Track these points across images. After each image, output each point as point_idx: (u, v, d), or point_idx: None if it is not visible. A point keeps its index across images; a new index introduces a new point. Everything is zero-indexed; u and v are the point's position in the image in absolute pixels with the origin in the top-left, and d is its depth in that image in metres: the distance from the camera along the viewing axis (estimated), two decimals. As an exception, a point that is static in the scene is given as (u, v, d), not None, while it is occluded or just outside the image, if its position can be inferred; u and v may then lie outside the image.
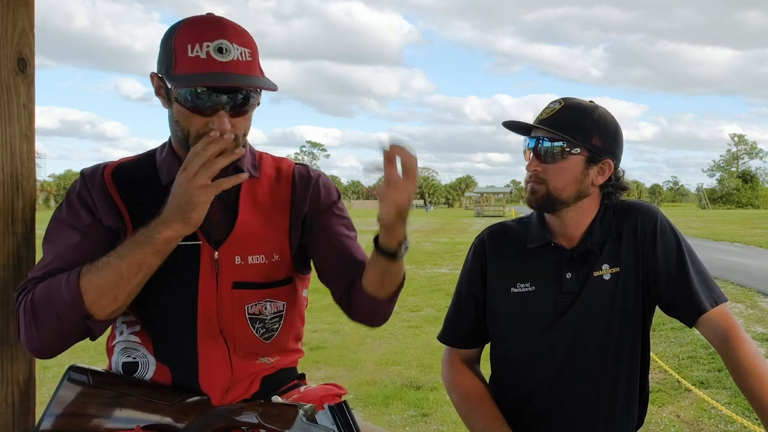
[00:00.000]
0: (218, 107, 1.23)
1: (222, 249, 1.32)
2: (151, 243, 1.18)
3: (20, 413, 1.39)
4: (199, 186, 1.16)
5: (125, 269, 1.19)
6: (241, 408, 1.26)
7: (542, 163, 1.52)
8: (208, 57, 1.21)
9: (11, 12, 1.39)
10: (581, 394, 1.53)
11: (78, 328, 1.22)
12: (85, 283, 1.19)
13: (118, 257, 1.19)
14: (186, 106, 1.23)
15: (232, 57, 1.22)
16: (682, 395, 4.60)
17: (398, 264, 1.30)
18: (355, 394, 4.68)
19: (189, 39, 1.22)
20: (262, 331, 1.36)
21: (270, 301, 1.37)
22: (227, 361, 1.32)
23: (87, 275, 1.20)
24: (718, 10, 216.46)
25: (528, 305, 1.56)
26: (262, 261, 1.35)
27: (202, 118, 1.23)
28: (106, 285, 1.19)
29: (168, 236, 1.18)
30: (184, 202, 1.16)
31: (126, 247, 1.20)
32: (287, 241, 1.39)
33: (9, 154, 1.39)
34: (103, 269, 1.19)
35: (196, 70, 1.20)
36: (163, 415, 1.25)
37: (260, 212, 1.37)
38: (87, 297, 1.19)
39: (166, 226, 1.18)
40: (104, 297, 1.20)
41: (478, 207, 55.62)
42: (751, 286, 9.79)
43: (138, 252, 1.19)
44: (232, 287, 1.32)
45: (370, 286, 1.34)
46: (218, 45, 1.21)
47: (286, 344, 1.42)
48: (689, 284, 1.49)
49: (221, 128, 1.22)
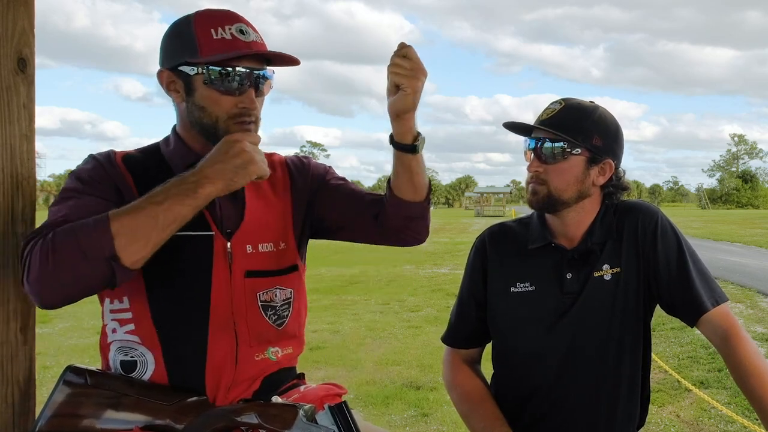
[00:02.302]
0: (248, 86, 1.28)
1: (234, 239, 1.34)
2: (193, 196, 1.16)
3: (20, 413, 1.39)
4: (259, 159, 1.20)
5: (162, 217, 1.14)
6: (241, 408, 1.25)
7: (543, 163, 1.52)
8: (233, 38, 1.28)
9: (11, 12, 1.38)
10: (582, 394, 1.53)
11: (101, 270, 1.12)
12: (117, 224, 1.13)
13: (154, 203, 1.15)
14: (216, 87, 1.27)
15: (252, 38, 1.31)
16: (682, 395, 4.60)
17: (419, 158, 1.36)
18: (355, 394, 4.68)
19: (210, 24, 1.28)
20: (274, 318, 1.38)
21: (279, 288, 1.39)
22: (233, 356, 1.32)
23: (118, 217, 1.13)
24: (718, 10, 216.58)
25: (528, 305, 1.56)
26: (271, 249, 1.38)
27: (232, 99, 1.28)
28: (140, 229, 1.14)
29: (209, 192, 1.17)
30: (240, 164, 1.18)
31: (162, 195, 1.16)
32: (291, 228, 1.43)
33: (9, 154, 1.38)
34: (136, 213, 1.14)
35: (225, 49, 1.26)
36: (161, 416, 1.24)
37: (265, 201, 1.41)
38: (118, 239, 1.12)
39: (211, 182, 1.17)
40: (137, 241, 1.14)
41: (478, 207, 55.61)
42: (751, 286, 9.79)
43: (177, 203, 1.15)
44: (245, 276, 1.34)
45: (402, 188, 1.39)
46: (239, 27, 1.30)
47: (295, 331, 1.44)
48: (690, 284, 1.49)
49: (251, 105, 1.29)
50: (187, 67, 1.28)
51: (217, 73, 1.26)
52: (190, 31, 1.28)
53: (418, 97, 1.31)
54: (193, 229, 1.29)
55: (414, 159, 1.35)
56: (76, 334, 6.86)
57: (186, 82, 1.29)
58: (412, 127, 1.34)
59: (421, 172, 1.38)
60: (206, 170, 1.18)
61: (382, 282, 10.90)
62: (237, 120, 1.29)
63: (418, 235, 1.46)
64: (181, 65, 1.28)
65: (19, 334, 1.39)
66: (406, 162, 1.36)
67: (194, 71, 1.27)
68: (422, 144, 1.36)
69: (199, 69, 1.27)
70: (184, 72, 1.28)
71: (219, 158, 1.19)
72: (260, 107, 1.33)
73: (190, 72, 1.28)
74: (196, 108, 1.30)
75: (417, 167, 1.37)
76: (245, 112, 1.29)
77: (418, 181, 1.38)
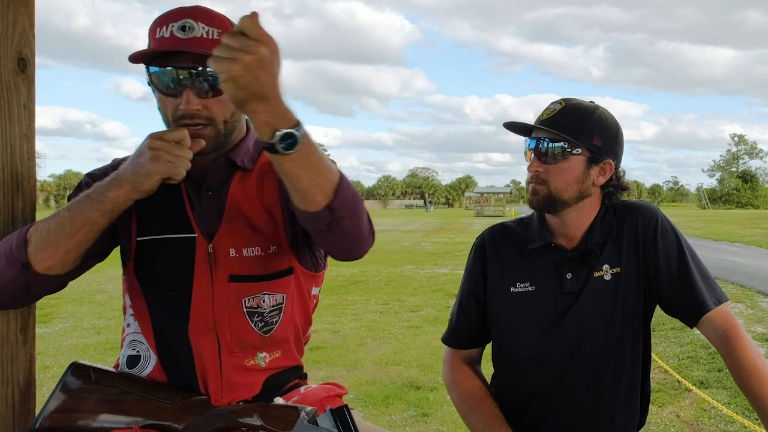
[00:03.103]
0: (183, 86, 1.22)
1: (215, 241, 1.31)
2: (100, 200, 1.16)
3: (20, 413, 1.39)
4: (167, 158, 1.14)
5: (69, 222, 1.17)
6: (243, 409, 1.25)
7: (543, 163, 1.52)
8: (171, 36, 1.22)
9: (11, 12, 1.38)
10: (582, 394, 1.53)
11: (18, 277, 1.19)
12: (33, 231, 1.18)
13: (66, 209, 1.18)
14: (158, 88, 1.25)
15: (195, 34, 1.22)
16: (682, 395, 4.60)
17: (298, 158, 1.03)
18: (355, 394, 4.68)
19: (158, 22, 1.24)
20: (261, 325, 1.35)
21: (268, 294, 1.34)
22: (216, 358, 1.31)
23: (37, 224, 1.20)
24: (719, 10, 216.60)
25: (528, 305, 1.56)
26: (258, 253, 1.33)
27: (173, 100, 1.23)
28: (49, 236, 1.17)
29: (116, 196, 1.16)
30: (141, 163, 1.14)
31: (77, 201, 1.18)
32: (283, 230, 1.35)
33: (9, 154, 1.38)
34: (50, 220, 1.19)
35: (157, 48, 1.22)
36: (163, 414, 1.24)
37: (252, 204, 1.35)
38: (30, 245, 1.18)
39: (118, 186, 1.16)
40: (45, 248, 1.17)
41: (478, 207, 55.60)
42: (751, 286, 9.79)
43: (86, 207, 1.16)
44: (228, 280, 1.31)
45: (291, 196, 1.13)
46: (182, 24, 1.22)
47: (286, 338, 1.39)
48: (691, 284, 1.49)
49: (186, 107, 1.21)
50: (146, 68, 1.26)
51: (153, 74, 1.23)
52: (149, 27, 1.26)
53: (246, 83, 0.94)
54: (176, 231, 1.30)
55: (286, 160, 1.03)
56: (76, 334, 6.85)
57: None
58: (266, 121, 0.99)
59: (305, 176, 1.07)
60: (119, 173, 1.17)
61: (382, 282, 10.89)
62: (180, 123, 1.23)
63: (335, 251, 1.26)
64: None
65: (19, 334, 1.39)
66: (276, 164, 1.06)
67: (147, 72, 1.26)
68: (295, 141, 1.01)
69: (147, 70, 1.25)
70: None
71: (132, 160, 1.17)
72: (220, 107, 1.25)
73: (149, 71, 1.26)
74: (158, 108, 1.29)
75: (294, 170, 1.05)
76: (185, 114, 1.22)
77: (302, 187, 1.08)
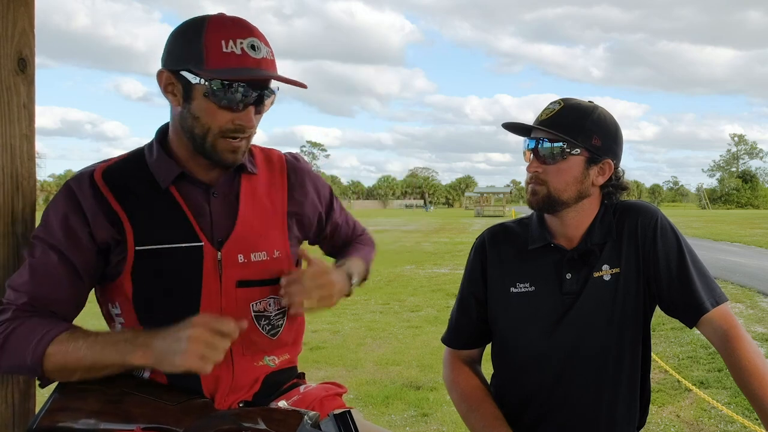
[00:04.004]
0: (249, 103, 1.25)
1: (225, 248, 1.31)
2: (122, 360, 1.20)
3: (20, 413, 1.39)
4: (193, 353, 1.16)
5: (89, 363, 1.21)
6: (246, 412, 1.25)
7: (542, 164, 1.52)
8: (243, 53, 1.23)
9: (11, 12, 1.38)
10: (582, 394, 1.53)
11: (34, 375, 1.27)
12: (51, 354, 1.21)
13: (89, 349, 1.21)
14: (216, 101, 1.23)
15: (263, 55, 1.26)
16: (682, 395, 4.60)
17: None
18: (355, 394, 4.68)
19: (221, 35, 1.23)
20: (268, 328, 1.37)
21: (273, 297, 1.36)
22: (229, 365, 1.31)
23: (55, 348, 1.21)
24: (719, 10, 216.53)
25: (528, 306, 1.56)
26: (265, 258, 1.34)
27: (229, 114, 1.25)
28: (68, 367, 1.22)
29: (139, 363, 1.20)
30: (170, 356, 1.17)
31: (102, 343, 1.21)
32: (286, 236, 1.39)
33: (9, 154, 1.38)
34: (72, 352, 1.21)
35: (232, 64, 1.22)
36: (166, 416, 1.24)
37: (260, 208, 1.37)
38: (47, 364, 1.22)
39: (143, 356, 1.19)
40: (61, 372, 1.23)
41: (478, 207, 55.59)
42: (751, 286, 9.79)
43: (108, 358, 1.20)
44: (237, 286, 1.32)
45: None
46: (251, 42, 1.24)
47: (289, 340, 1.42)
48: (690, 284, 1.49)
49: (248, 124, 1.26)
50: (189, 75, 1.24)
51: (220, 87, 1.22)
52: (199, 38, 1.23)
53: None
54: (182, 240, 1.28)
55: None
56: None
57: (186, 89, 1.25)
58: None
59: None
60: (148, 340, 1.19)
61: (382, 282, 10.89)
62: (228, 135, 1.26)
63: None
64: (184, 71, 1.24)
65: (19, 334, 1.38)
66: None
67: (196, 80, 1.23)
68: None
69: (202, 80, 1.23)
70: (186, 78, 1.24)
71: (165, 334, 1.19)
72: (257, 123, 1.30)
73: (192, 80, 1.24)
74: (191, 116, 1.26)
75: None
76: (240, 129, 1.26)
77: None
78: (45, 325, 1.23)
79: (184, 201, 1.31)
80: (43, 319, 1.24)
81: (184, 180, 1.32)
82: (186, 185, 1.33)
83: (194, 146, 1.28)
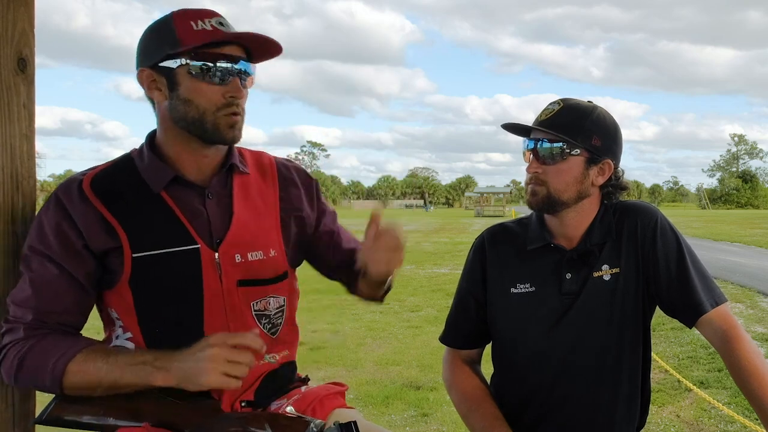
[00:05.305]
0: (233, 74, 1.27)
1: (222, 249, 1.31)
2: (142, 382, 1.20)
3: (20, 413, 1.39)
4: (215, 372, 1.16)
5: (109, 384, 1.22)
6: (253, 416, 1.24)
7: (542, 164, 1.52)
8: (213, 29, 1.26)
9: (11, 12, 1.38)
10: (582, 394, 1.53)
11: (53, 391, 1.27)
12: (70, 374, 1.22)
13: (109, 372, 1.21)
14: (201, 77, 1.25)
15: (233, 29, 1.29)
16: (682, 395, 4.61)
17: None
18: (355, 394, 4.68)
19: (189, 18, 1.26)
20: (269, 327, 1.37)
21: (273, 296, 1.38)
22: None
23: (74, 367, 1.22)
24: (719, 10, 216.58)
25: (528, 306, 1.56)
26: (261, 257, 1.35)
27: (218, 89, 1.26)
28: (90, 386, 1.23)
29: (163, 384, 1.20)
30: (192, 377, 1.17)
31: (122, 366, 1.21)
32: (280, 236, 1.40)
33: (9, 154, 1.39)
34: (92, 372, 1.21)
35: (208, 39, 1.24)
36: (174, 414, 1.23)
37: (253, 208, 1.38)
38: (66, 383, 1.23)
39: (164, 378, 1.19)
40: (82, 391, 1.24)
41: (478, 207, 55.58)
42: (751, 286, 9.79)
43: (129, 380, 1.21)
44: (238, 285, 1.32)
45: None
46: (218, 20, 1.28)
47: (288, 338, 1.43)
48: (690, 285, 1.49)
49: (239, 94, 1.27)
50: (169, 61, 1.25)
51: (201, 63, 1.24)
52: (169, 26, 1.26)
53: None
54: (177, 244, 1.28)
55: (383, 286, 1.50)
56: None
57: (169, 78, 1.27)
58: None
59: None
60: (167, 363, 1.20)
61: (382, 282, 10.88)
62: (225, 111, 1.27)
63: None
64: (163, 60, 1.26)
65: (19, 334, 1.38)
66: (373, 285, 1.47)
67: (177, 63, 1.25)
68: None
69: (183, 60, 1.24)
70: (166, 67, 1.26)
71: (183, 357, 1.19)
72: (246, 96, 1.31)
73: (173, 65, 1.25)
74: (181, 102, 1.26)
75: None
76: (232, 101, 1.27)
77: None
78: (61, 345, 1.23)
79: (177, 204, 1.30)
80: (57, 336, 1.25)
81: (177, 183, 1.32)
82: (179, 188, 1.32)
83: (193, 132, 1.28)
